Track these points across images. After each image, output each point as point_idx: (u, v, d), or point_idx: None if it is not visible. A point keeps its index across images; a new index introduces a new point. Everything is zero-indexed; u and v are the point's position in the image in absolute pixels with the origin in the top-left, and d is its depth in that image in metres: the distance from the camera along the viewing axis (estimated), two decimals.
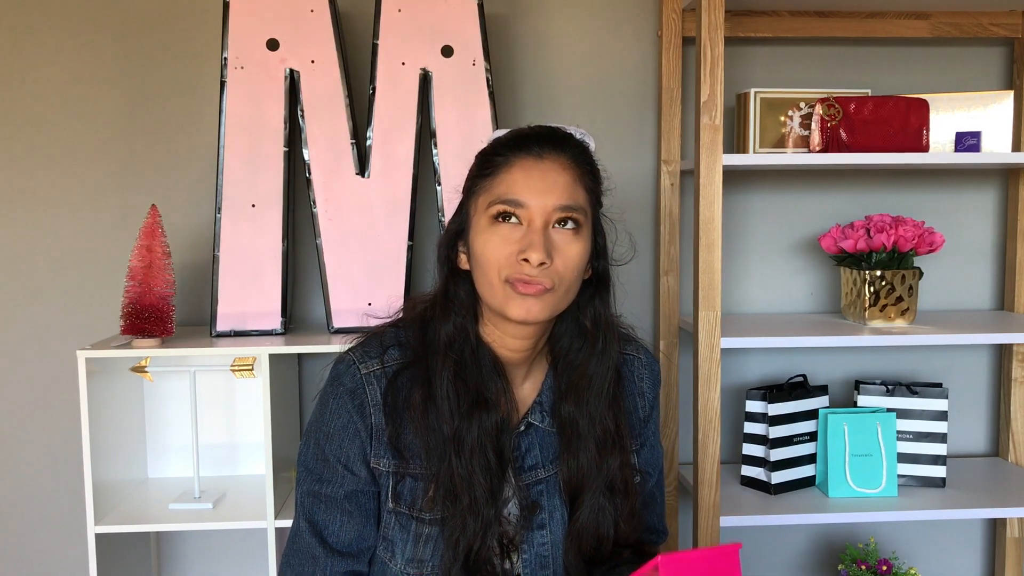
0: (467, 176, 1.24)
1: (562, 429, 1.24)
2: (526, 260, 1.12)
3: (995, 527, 2.24)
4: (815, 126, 1.90)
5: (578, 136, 1.24)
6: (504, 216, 1.14)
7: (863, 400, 2.04)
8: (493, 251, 1.14)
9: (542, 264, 1.12)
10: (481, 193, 1.18)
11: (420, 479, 1.19)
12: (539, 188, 1.14)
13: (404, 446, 1.19)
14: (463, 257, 1.22)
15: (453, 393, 1.18)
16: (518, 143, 1.18)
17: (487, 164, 1.19)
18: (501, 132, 1.25)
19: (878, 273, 1.95)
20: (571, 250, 1.15)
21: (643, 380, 1.33)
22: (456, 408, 1.18)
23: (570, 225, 1.15)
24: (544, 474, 1.25)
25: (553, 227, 1.15)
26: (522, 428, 1.25)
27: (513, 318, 1.15)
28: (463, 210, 1.22)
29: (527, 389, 1.27)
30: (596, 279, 1.23)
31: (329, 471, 1.21)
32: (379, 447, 1.19)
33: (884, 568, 1.96)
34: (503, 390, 1.21)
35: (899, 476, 2.00)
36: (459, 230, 1.22)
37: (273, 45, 1.87)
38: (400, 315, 1.28)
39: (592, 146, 1.25)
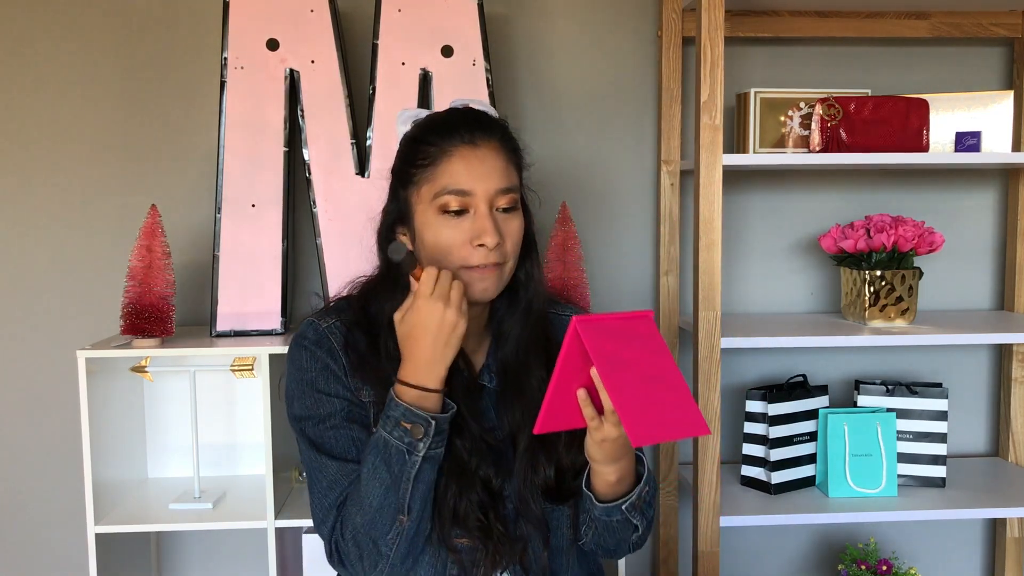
0: (397, 161, 1.30)
1: (500, 380, 1.31)
2: (481, 245, 1.22)
3: (995, 527, 2.24)
4: (815, 126, 1.90)
5: (492, 113, 1.33)
6: (450, 208, 1.22)
7: (863, 400, 2.04)
8: (447, 242, 1.23)
9: (497, 245, 1.22)
10: (423, 184, 1.25)
11: None
12: (480, 174, 1.23)
13: (378, 380, 1.26)
14: (403, 239, 1.30)
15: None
16: (449, 130, 1.25)
17: (422, 154, 1.25)
18: (414, 113, 1.34)
19: (878, 273, 1.95)
20: (513, 227, 1.26)
21: None
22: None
23: (510, 206, 1.25)
24: (501, 434, 1.31)
25: (496, 211, 1.24)
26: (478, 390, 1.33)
27: (473, 298, 1.25)
28: (399, 197, 1.29)
29: (479, 359, 1.35)
30: (526, 240, 1.32)
31: (325, 404, 1.26)
32: (356, 382, 1.27)
33: (884, 568, 1.96)
34: (458, 355, 1.25)
35: (899, 476, 1.99)
36: (398, 217, 1.30)
37: (273, 45, 1.87)
38: (347, 292, 1.37)
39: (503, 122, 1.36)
